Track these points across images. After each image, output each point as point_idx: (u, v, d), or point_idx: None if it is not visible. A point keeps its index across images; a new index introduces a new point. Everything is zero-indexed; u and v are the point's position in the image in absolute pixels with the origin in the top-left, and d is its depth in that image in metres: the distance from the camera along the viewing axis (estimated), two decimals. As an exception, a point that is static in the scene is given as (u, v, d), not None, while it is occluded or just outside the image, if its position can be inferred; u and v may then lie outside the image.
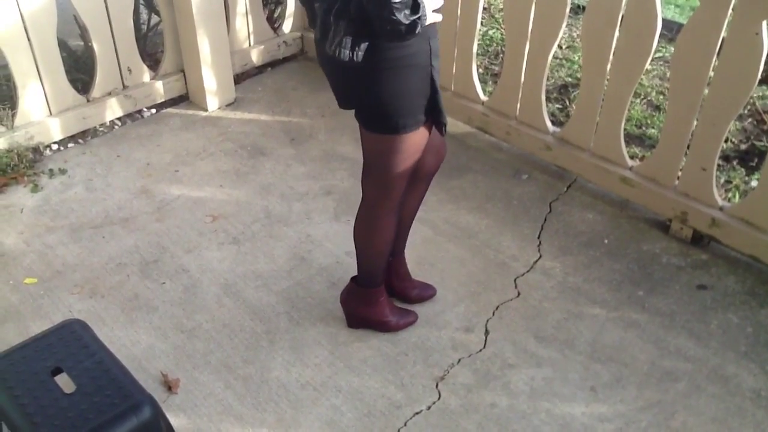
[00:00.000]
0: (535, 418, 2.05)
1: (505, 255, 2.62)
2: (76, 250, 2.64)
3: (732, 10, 2.27)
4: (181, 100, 3.57)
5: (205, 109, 3.49)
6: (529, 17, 2.79)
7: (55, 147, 3.19)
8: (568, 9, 2.69)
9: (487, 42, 4.11)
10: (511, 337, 2.30)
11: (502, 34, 4.10)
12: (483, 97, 3.20)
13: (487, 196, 2.92)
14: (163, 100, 3.51)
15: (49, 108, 3.15)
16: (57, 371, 1.63)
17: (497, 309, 2.40)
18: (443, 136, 1.95)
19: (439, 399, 2.10)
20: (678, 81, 2.51)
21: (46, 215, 2.81)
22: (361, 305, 2.27)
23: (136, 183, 3.00)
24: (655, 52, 2.54)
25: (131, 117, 3.42)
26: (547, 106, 2.99)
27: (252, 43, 3.77)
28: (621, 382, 2.16)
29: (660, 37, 2.47)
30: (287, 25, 3.94)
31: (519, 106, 3.04)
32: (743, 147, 3.19)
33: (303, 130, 3.36)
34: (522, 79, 2.95)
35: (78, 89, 3.25)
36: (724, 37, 2.31)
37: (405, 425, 2.03)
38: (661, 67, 3.80)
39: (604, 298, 2.44)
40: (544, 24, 2.76)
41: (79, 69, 3.45)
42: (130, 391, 1.59)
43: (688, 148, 2.57)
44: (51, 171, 3.04)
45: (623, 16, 2.53)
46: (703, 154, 2.52)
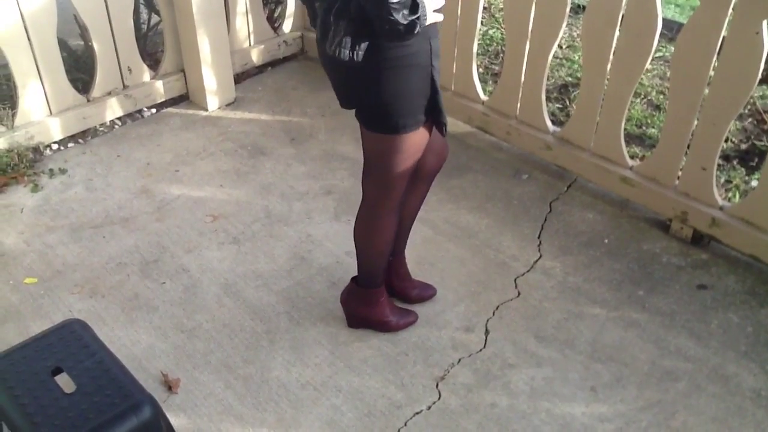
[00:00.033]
0: (536, 417, 2.05)
1: (505, 255, 2.62)
2: (76, 249, 2.64)
3: (732, 9, 2.27)
4: (181, 99, 3.57)
5: (206, 109, 3.49)
6: (529, 17, 2.79)
7: (55, 147, 3.19)
8: (568, 9, 2.69)
9: (488, 42, 4.11)
10: (512, 336, 2.30)
11: (502, 34, 4.10)
12: (483, 96, 3.20)
13: (487, 195, 2.92)
14: (163, 99, 3.51)
15: (49, 108, 3.15)
16: (57, 371, 1.63)
17: (497, 309, 2.40)
18: (444, 136, 1.95)
19: (439, 399, 2.10)
20: (678, 80, 2.51)
21: (46, 215, 2.81)
22: (362, 305, 2.27)
23: (136, 183, 3.00)
24: (655, 52, 2.54)
25: (131, 117, 3.42)
26: (547, 105, 2.99)
27: (252, 43, 3.77)
28: (621, 381, 2.16)
29: (660, 36, 2.47)
30: (287, 25, 3.94)
31: (519, 105, 3.04)
32: (743, 146, 3.19)
33: (303, 129, 3.36)
34: (522, 78, 2.95)
35: (78, 89, 3.25)
36: (724, 37, 2.31)
37: (405, 425, 2.03)
38: (662, 67, 3.80)
39: (604, 297, 2.44)
40: (545, 24, 2.76)
41: (80, 69, 3.45)
42: (131, 391, 1.59)
43: (689, 147, 2.57)
44: (51, 171, 3.04)
45: (623, 15, 2.53)
46: (704, 153, 2.52)
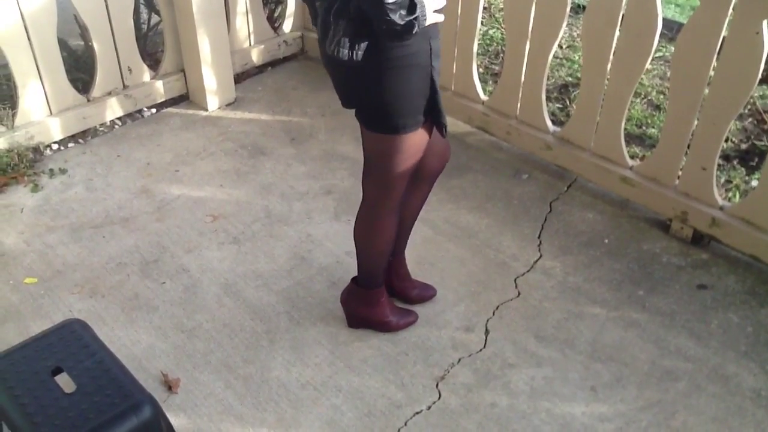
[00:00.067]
0: (536, 417, 2.05)
1: (505, 255, 2.62)
2: (76, 249, 2.64)
3: (732, 9, 2.27)
4: (181, 99, 3.57)
5: (206, 109, 3.49)
6: (529, 17, 2.79)
7: (55, 147, 3.19)
8: (568, 8, 2.69)
9: (488, 41, 4.11)
10: (512, 336, 2.30)
11: (502, 34, 4.10)
12: (483, 96, 3.20)
13: (487, 195, 2.92)
14: (163, 99, 3.51)
15: (49, 107, 3.15)
16: (57, 371, 1.63)
17: (497, 309, 2.40)
18: (444, 137, 1.94)
19: (439, 399, 2.10)
20: (678, 80, 2.51)
21: (47, 215, 2.81)
22: (362, 306, 2.27)
23: (136, 183, 3.00)
24: (655, 52, 2.54)
25: (131, 117, 3.42)
26: (547, 105, 2.99)
27: (252, 43, 3.77)
28: (621, 381, 2.16)
29: (660, 36, 2.47)
30: (287, 25, 3.94)
31: (519, 105, 3.04)
32: (743, 146, 3.19)
33: (303, 129, 3.36)
34: (522, 78, 2.95)
35: (78, 89, 3.25)
36: (724, 37, 2.31)
37: (405, 425, 2.03)
38: (662, 67, 3.80)
39: (604, 297, 2.44)
40: (545, 23, 2.76)
41: (80, 68, 3.45)
42: (131, 391, 1.59)
43: (689, 147, 2.57)
44: (51, 171, 3.04)
45: (623, 15, 2.53)
46: (704, 153, 2.52)
